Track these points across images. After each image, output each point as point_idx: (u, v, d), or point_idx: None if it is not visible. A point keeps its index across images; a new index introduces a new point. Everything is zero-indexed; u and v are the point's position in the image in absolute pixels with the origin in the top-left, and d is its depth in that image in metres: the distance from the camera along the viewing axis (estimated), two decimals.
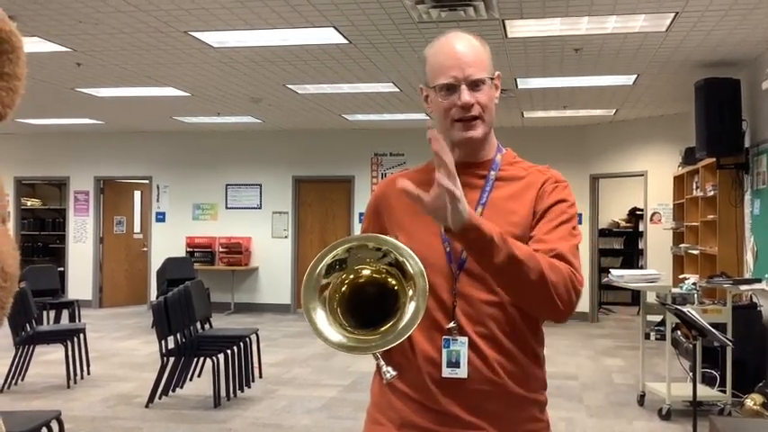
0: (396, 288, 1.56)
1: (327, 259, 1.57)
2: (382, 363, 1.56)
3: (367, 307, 1.57)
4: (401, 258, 1.56)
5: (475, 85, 1.65)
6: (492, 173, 1.72)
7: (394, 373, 1.53)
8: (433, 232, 1.66)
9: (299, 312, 11.82)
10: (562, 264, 1.54)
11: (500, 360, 1.61)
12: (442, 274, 1.63)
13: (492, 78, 1.68)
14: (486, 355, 1.60)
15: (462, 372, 1.59)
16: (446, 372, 1.60)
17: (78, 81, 8.20)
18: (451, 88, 1.65)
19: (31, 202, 13.63)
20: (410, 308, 1.52)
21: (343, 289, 1.58)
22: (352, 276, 1.58)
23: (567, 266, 1.55)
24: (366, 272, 1.58)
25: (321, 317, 1.55)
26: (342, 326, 1.55)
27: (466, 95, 1.64)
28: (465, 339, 1.60)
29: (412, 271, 1.54)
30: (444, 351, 1.60)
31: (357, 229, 11.69)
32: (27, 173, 12.94)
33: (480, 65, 1.66)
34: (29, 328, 6.55)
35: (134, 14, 5.66)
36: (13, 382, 6.59)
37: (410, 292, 1.53)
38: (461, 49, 1.66)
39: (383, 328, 1.53)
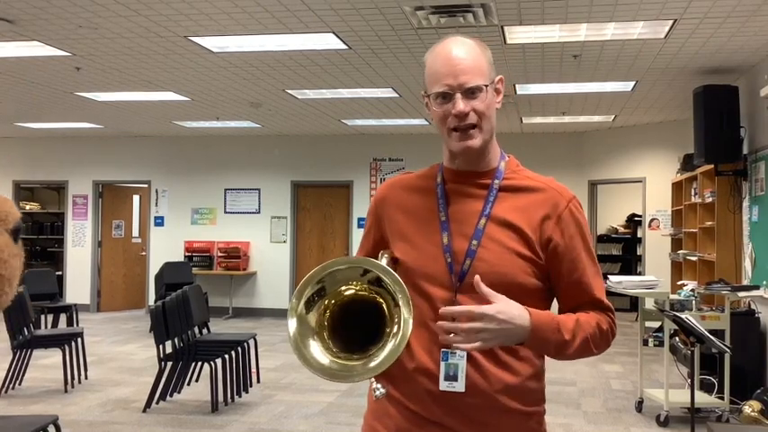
0: (384, 307, 1.51)
1: (308, 290, 1.53)
2: (373, 379, 1.53)
3: (355, 325, 1.53)
4: (386, 280, 1.51)
5: (471, 92, 1.61)
6: (496, 182, 1.68)
7: (383, 390, 1.50)
8: (435, 243, 1.64)
9: None
10: (606, 320, 1.66)
11: (498, 374, 1.59)
12: (442, 286, 1.61)
13: (489, 85, 1.64)
14: (485, 368, 1.58)
15: (460, 386, 1.57)
16: (443, 385, 1.57)
17: (78, 85, 8.20)
18: (446, 96, 1.62)
19: (30, 206, 13.62)
20: (391, 342, 1.47)
21: (328, 313, 1.53)
22: (335, 299, 1.54)
23: (609, 320, 1.67)
24: (350, 291, 1.54)
25: (313, 345, 1.51)
26: (329, 349, 1.51)
27: (460, 104, 1.60)
28: (464, 353, 1.57)
29: (399, 296, 1.49)
30: (443, 364, 1.58)
31: (356, 233, 11.70)
32: (26, 177, 12.94)
33: (477, 71, 1.62)
34: (26, 332, 6.54)
35: (134, 19, 5.66)
36: (11, 386, 6.58)
37: (396, 319, 1.49)
38: (458, 54, 1.62)
39: (367, 353, 1.49)
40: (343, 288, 1.54)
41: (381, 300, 1.51)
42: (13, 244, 1.05)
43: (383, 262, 1.59)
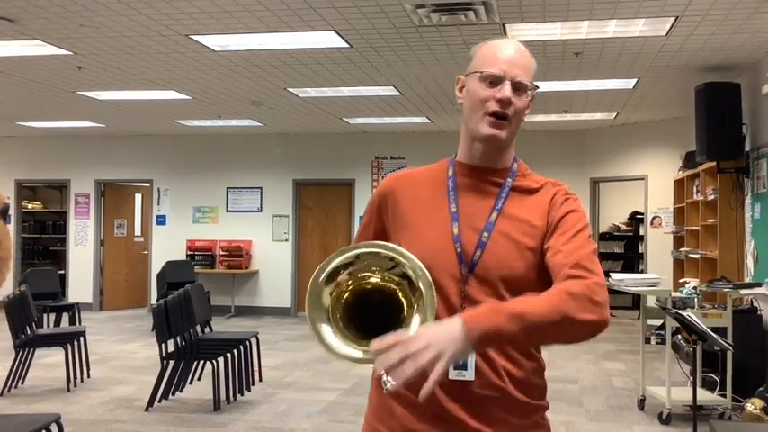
0: (401, 297, 1.53)
1: (333, 265, 1.54)
2: (382, 371, 1.54)
3: (369, 315, 1.54)
4: (408, 269, 1.53)
5: (517, 88, 1.66)
6: (509, 181, 1.71)
7: (394, 383, 1.51)
8: (443, 233, 1.65)
9: (299, 316, 11.82)
10: (578, 283, 1.49)
11: (506, 366, 1.61)
12: (451, 276, 1.62)
13: (531, 90, 1.69)
14: (493, 359, 1.60)
15: (469, 374, 1.58)
16: (453, 374, 1.58)
17: (79, 84, 8.21)
18: (496, 81, 1.65)
19: (32, 205, 13.65)
20: (415, 320, 1.49)
21: (346, 296, 1.55)
22: (356, 284, 1.55)
23: (583, 281, 1.49)
24: (373, 279, 1.56)
25: (326, 328, 1.53)
26: (346, 337, 1.52)
27: (507, 90, 1.64)
28: None
29: (419, 282, 1.51)
30: None
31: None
32: (28, 176, 12.95)
33: (528, 72, 1.69)
34: (29, 331, 6.54)
35: (135, 18, 5.67)
36: (14, 385, 6.58)
37: (416, 305, 1.51)
38: (516, 51, 1.69)
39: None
40: (365, 274, 1.55)
41: (400, 292, 1.53)
42: (2, 224, 1.07)
43: None
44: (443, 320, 1.42)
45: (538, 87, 1.72)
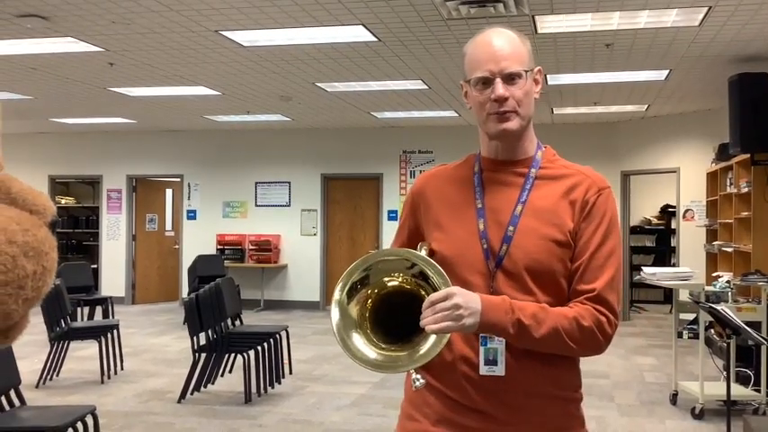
0: (424, 295, 1.54)
1: (354, 276, 1.56)
2: (412, 370, 1.55)
3: (396, 317, 1.55)
4: (429, 273, 1.53)
5: (510, 78, 1.63)
6: (532, 170, 1.69)
7: (423, 381, 1.52)
8: (471, 230, 1.66)
9: (327, 309, 11.85)
10: (591, 315, 1.57)
11: (535, 359, 1.60)
12: (479, 273, 1.63)
13: (529, 71, 1.66)
14: (521, 354, 1.60)
15: (500, 369, 1.59)
16: (483, 370, 1.60)
17: (111, 81, 8.30)
18: (486, 82, 1.64)
19: (65, 201, 13.83)
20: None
21: (370, 302, 1.56)
22: (377, 290, 1.56)
23: (596, 316, 1.57)
24: (394, 282, 1.57)
25: (356, 337, 1.54)
26: (371, 341, 1.54)
27: (500, 89, 1.62)
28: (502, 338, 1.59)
29: (442, 288, 1.52)
30: (482, 349, 1.60)
31: (386, 226, 11.70)
32: (61, 171, 13.15)
33: (517, 58, 1.64)
34: (63, 325, 6.66)
35: (165, 14, 5.72)
36: (49, 377, 6.70)
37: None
38: (498, 43, 1.65)
39: (410, 344, 1.52)
40: (387, 279, 1.57)
41: (424, 292, 1.54)
42: (51, 237, 1.12)
43: (422, 254, 1.61)
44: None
45: (533, 69, 1.69)
